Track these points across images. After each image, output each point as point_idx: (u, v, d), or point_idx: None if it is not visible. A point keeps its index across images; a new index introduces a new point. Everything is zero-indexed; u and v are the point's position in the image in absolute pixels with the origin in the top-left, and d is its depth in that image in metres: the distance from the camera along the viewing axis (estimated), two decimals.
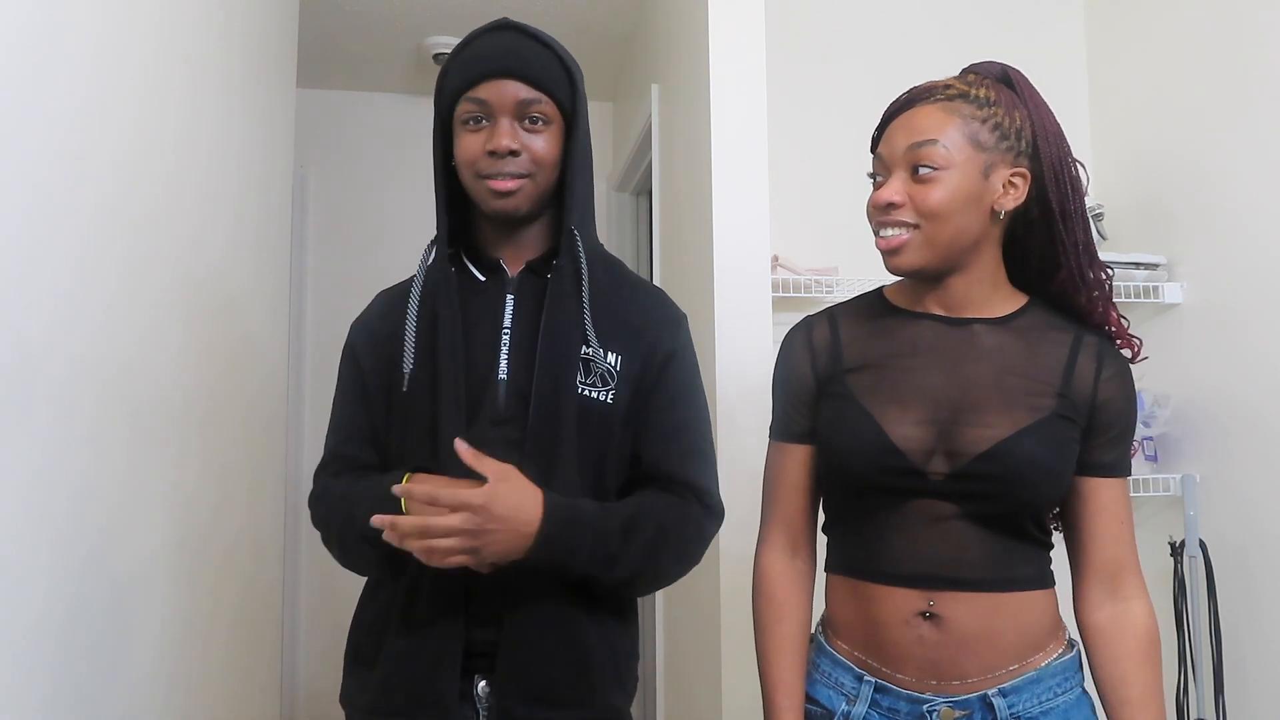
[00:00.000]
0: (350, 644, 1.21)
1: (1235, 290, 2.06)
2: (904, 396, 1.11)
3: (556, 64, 1.17)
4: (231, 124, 1.90)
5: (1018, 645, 1.08)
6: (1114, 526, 1.12)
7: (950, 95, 1.10)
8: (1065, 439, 1.09)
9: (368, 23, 3.13)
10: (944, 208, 1.08)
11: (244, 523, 1.99)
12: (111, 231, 1.26)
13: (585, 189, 1.21)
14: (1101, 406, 1.11)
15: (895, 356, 1.14)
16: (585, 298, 1.17)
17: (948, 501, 1.08)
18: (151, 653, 1.42)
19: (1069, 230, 1.12)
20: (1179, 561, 2.10)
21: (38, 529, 1.05)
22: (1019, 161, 1.10)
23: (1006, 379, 1.10)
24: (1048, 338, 1.13)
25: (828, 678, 1.16)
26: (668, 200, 2.57)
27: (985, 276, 1.14)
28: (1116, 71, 2.45)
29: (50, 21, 1.08)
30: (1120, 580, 1.11)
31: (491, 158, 1.14)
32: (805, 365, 1.20)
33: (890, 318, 1.18)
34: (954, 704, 1.07)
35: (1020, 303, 1.16)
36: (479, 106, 1.15)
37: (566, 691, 1.12)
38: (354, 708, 1.18)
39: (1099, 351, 1.13)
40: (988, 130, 1.09)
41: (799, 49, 2.39)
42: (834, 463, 1.15)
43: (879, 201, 1.10)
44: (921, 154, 1.08)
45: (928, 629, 1.07)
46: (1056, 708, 1.08)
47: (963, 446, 1.07)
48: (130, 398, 1.34)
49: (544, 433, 1.13)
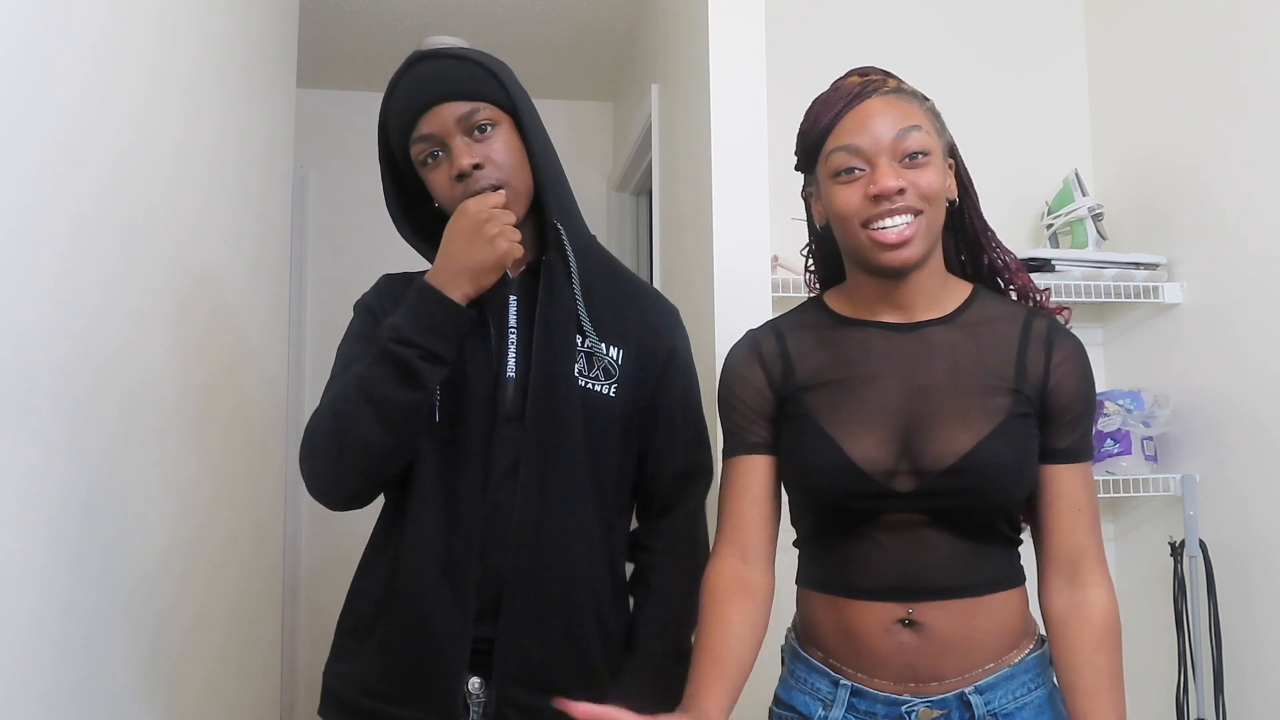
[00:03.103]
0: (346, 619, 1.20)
1: (1235, 290, 2.06)
2: (863, 415, 1.09)
3: (476, 69, 1.18)
4: (231, 124, 1.90)
5: (994, 645, 1.08)
6: (1072, 513, 1.10)
7: (892, 88, 1.11)
8: (1026, 435, 1.09)
9: (368, 23, 3.13)
10: (938, 192, 1.08)
11: (243, 518, 1.99)
12: (109, 230, 1.26)
13: (557, 179, 1.22)
14: (1054, 391, 1.10)
15: (850, 372, 1.12)
16: (577, 290, 1.18)
17: (917, 512, 1.07)
18: (150, 648, 1.42)
19: (979, 214, 1.18)
20: (1179, 561, 2.10)
21: (35, 525, 1.05)
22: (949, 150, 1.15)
23: (962, 381, 1.09)
24: (996, 330, 1.12)
25: (803, 683, 1.15)
26: (668, 200, 2.57)
27: (938, 268, 1.15)
28: (1116, 72, 2.46)
29: (49, 20, 1.08)
30: (1080, 568, 1.10)
31: (461, 181, 1.15)
32: (760, 379, 1.16)
33: (839, 329, 1.16)
34: (931, 704, 1.07)
35: (964, 292, 1.16)
36: (428, 142, 1.17)
37: (566, 680, 1.14)
38: (345, 682, 1.18)
39: (1048, 337, 1.11)
40: (936, 120, 1.13)
41: (799, 49, 2.39)
42: (800, 484, 1.14)
43: (887, 188, 1.05)
44: (911, 140, 1.07)
45: (908, 635, 1.07)
46: (1030, 703, 1.09)
47: (928, 462, 1.06)
48: (129, 396, 1.34)
49: (543, 424, 1.14)
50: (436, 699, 1.12)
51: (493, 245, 1.10)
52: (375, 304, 1.24)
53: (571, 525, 1.16)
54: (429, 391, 1.10)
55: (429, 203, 1.23)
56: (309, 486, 1.15)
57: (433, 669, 1.12)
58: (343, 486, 1.14)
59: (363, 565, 1.21)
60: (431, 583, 1.12)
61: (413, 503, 1.15)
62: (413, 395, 1.09)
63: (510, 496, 1.15)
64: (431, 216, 1.23)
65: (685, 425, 1.27)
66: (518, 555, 1.13)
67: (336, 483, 1.13)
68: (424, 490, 1.15)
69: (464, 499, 1.14)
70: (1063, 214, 2.36)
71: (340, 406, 1.11)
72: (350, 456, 1.11)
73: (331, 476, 1.13)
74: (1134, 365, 2.36)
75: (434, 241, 1.21)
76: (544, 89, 3.46)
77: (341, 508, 1.17)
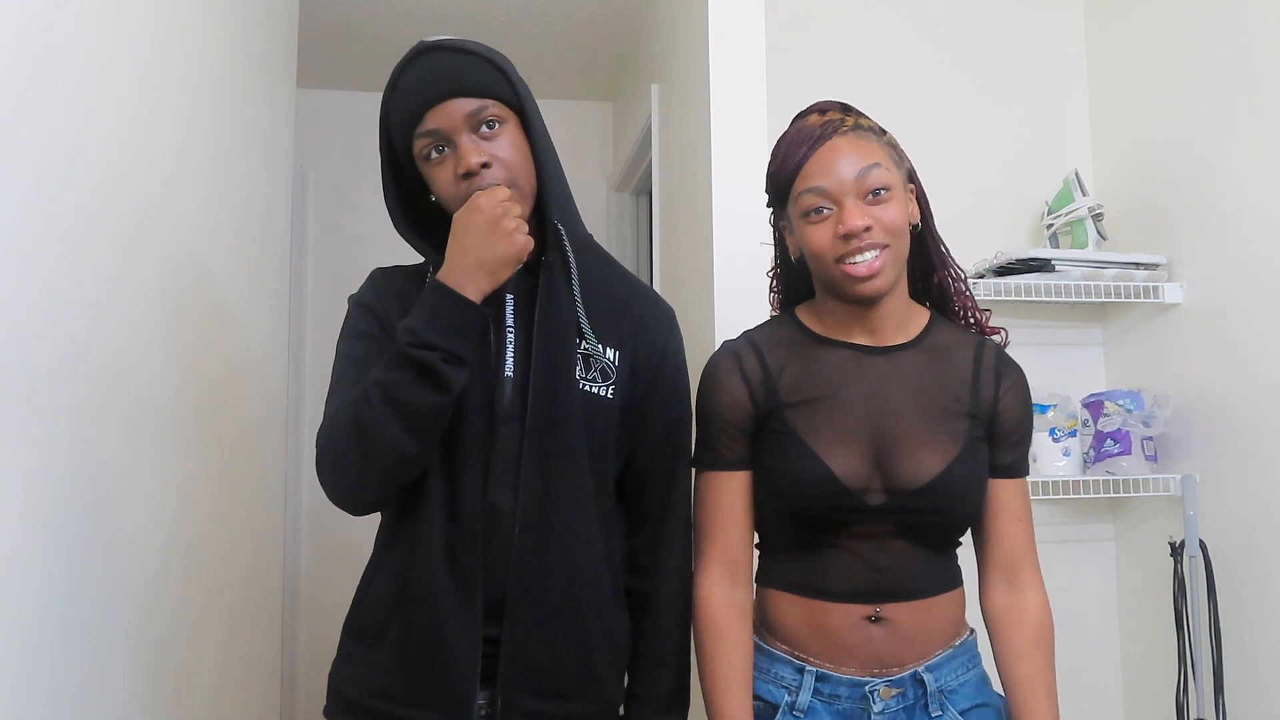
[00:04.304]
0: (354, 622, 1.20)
1: (1235, 290, 2.06)
2: (841, 432, 1.19)
3: (485, 65, 1.17)
4: (231, 124, 1.90)
5: (944, 634, 1.22)
6: (1013, 523, 1.25)
7: (851, 126, 1.21)
8: (982, 457, 1.23)
9: (368, 23, 3.13)
10: (901, 225, 1.19)
11: (244, 519, 1.99)
12: (108, 231, 1.26)
13: (559, 178, 1.22)
14: (1002, 415, 1.24)
15: (827, 391, 1.22)
16: (577, 292, 1.18)
17: (886, 524, 1.19)
18: (152, 649, 1.42)
19: (934, 234, 1.27)
20: (1179, 561, 2.10)
21: (36, 526, 1.05)
22: (909, 177, 1.25)
23: (928, 405, 1.21)
24: (952, 357, 1.25)
25: (767, 674, 1.22)
26: (667, 200, 2.57)
27: (903, 293, 1.25)
28: (1116, 72, 2.45)
29: (46, 19, 1.08)
30: (1017, 572, 1.25)
31: (468, 180, 1.13)
32: (742, 396, 1.24)
33: (815, 347, 1.25)
34: (890, 683, 1.19)
35: (924, 318, 1.27)
36: (433, 137, 1.15)
37: (570, 684, 1.13)
38: (356, 684, 1.17)
39: (996, 366, 1.26)
40: (894, 153, 1.22)
41: (799, 49, 2.39)
42: (780, 494, 1.21)
43: (854, 228, 1.15)
44: (872, 178, 1.17)
45: (875, 630, 1.18)
46: (969, 680, 1.23)
47: (901, 481, 1.17)
48: (129, 397, 1.34)
49: (544, 427, 1.14)
50: (451, 701, 1.11)
51: (511, 240, 1.10)
52: (374, 300, 1.23)
53: (574, 528, 1.16)
54: (453, 393, 1.09)
55: (424, 198, 1.22)
56: (331, 493, 1.13)
57: (447, 670, 1.11)
58: (370, 492, 1.12)
59: (370, 567, 1.20)
60: (442, 584, 1.12)
61: (418, 504, 1.14)
62: (438, 398, 1.08)
63: (509, 498, 1.14)
64: (425, 211, 1.22)
65: (673, 430, 1.27)
66: (521, 558, 1.13)
67: (362, 488, 1.12)
68: (428, 491, 1.14)
69: (464, 500, 1.14)
70: (1063, 214, 2.36)
71: (362, 413, 1.08)
72: (376, 462, 1.09)
73: (357, 482, 1.11)
74: (1134, 365, 2.36)
75: (427, 236, 1.21)
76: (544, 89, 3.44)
77: (365, 512, 1.16)
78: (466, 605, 1.12)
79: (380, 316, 1.20)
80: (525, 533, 1.13)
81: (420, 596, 1.12)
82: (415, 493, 1.14)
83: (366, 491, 1.12)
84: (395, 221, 1.23)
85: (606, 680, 1.18)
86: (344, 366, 1.19)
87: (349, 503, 1.13)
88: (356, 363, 1.17)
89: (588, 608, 1.16)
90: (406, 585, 1.13)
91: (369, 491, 1.12)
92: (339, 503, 1.13)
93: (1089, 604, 2.38)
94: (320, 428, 1.15)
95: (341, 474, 1.11)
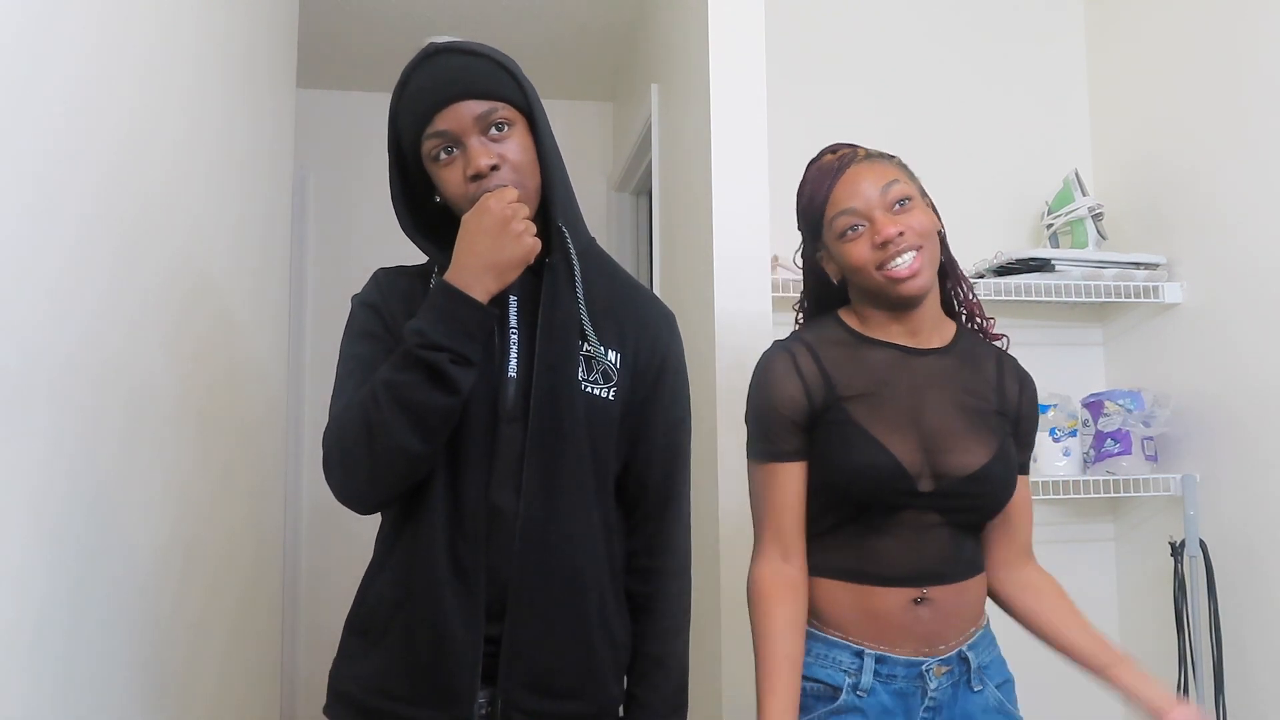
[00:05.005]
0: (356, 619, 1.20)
1: (1235, 290, 2.06)
2: (894, 423, 1.28)
3: (495, 68, 1.17)
4: (231, 124, 1.90)
5: (975, 614, 1.33)
6: (1025, 513, 1.40)
7: (864, 156, 1.31)
8: (1013, 453, 1.34)
9: (368, 23, 3.13)
10: (929, 228, 1.28)
11: (244, 520, 1.99)
12: (108, 231, 1.27)
13: (564, 181, 1.22)
14: (1023, 418, 1.37)
15: (879, 385, 1.30)
16: (580, 294, 1.18)
17: (933, 512, 1.27)
18: (153, 650, 1.42)
19: (946, 247, 1.35)
20: (1179, 561, 2.10)
21: (40, 527, 1.05)
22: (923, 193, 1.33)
23: (967, 403, 1.31)
24: (979, 362, 1.36)
25: (824, 659, 1.29)
26: (667, 200, 2.57)
27: (936, 301, 1.35)
28: (1116, 73, 2.46)
29: (46, 19, 1.08)
30: (1027, 556, 1.41)
31: (476, 182, 1.14)
32: (798, 391, 1.31)
33: (864, 347, 1.33)
34: (942, 662, 1.28)
35: (952, 327, 1.37)
36: (442, 138, 1.15)
37: (570, 684, 1.14)
38: (357, 682, 1.17)
39: (1016, 371, 1.39)
40: (906, 171, 1.32)
41: (799, 49, 2.39)
42: (838, 481, 1.28)
43: (889, 235, 1.24)
44: (894, 191, 1.27)
45: (923, 611, 1.27)
46: (996, 657, 1.35)
47: (949, 470, 1.27)
48: (130, 397, 1.34)
49: (547, 428, 1.14)
50: (451, 700, 1.12)
51: (519, 242, 1.10)
52: (378, 300, 1.23)
53: (577, 529, 1.16)
54: (462, 395, 1.09)
55: (429, 198, 1.22)
56: (339, 493, 1.13)
57: (448, 669, 1.11)
58: (378, 492, 1.13)
59: (373, 565, 1.21)
60: (445, 583, 1.12)
61: (421, 503, 1.15)
62: (446, 400, 1.08)
63: (511, 498, 1.15)
64: (429, 211, 1.23)
65: (672, 432, 1.27)
66: (522, 557, 1.13)
67: (371, 488, 1.12)
68: (430, 491, 1.14)
69: (467, 499, 1.14)
70: (1063, 214, 2.36)
71: (370, 413, 1.09)
72: (385, 462, 1.10)
73: (365, 482, 1.12)
74: (1134, 365, 2.37)
75: (431, 237, 1.21)
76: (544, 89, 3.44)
77: (371, 511, 1.17)
78: (468, 604, 1.12)
79: (385, 317, 1.20)
80: (527, 533, 1.14)
81: (422, 595, 1.12)
82: (418, 492, 1.15)
83: (375, 491, 1.13)
84: (401, 221, 1.23)
85: (607, 680, 1.18)
86: (350, 366, 1.19)
87: (356, 502, 1.14)
88: (362, 363, 1.17)
89: (589, 608, 1.16)
90: (409, 584, 1.14)
91: (377, 491, 1.13)
92: (346, 502, 1.14)
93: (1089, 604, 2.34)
94: (326, 428, 1.15)
95: (350, 474, 1.12)
